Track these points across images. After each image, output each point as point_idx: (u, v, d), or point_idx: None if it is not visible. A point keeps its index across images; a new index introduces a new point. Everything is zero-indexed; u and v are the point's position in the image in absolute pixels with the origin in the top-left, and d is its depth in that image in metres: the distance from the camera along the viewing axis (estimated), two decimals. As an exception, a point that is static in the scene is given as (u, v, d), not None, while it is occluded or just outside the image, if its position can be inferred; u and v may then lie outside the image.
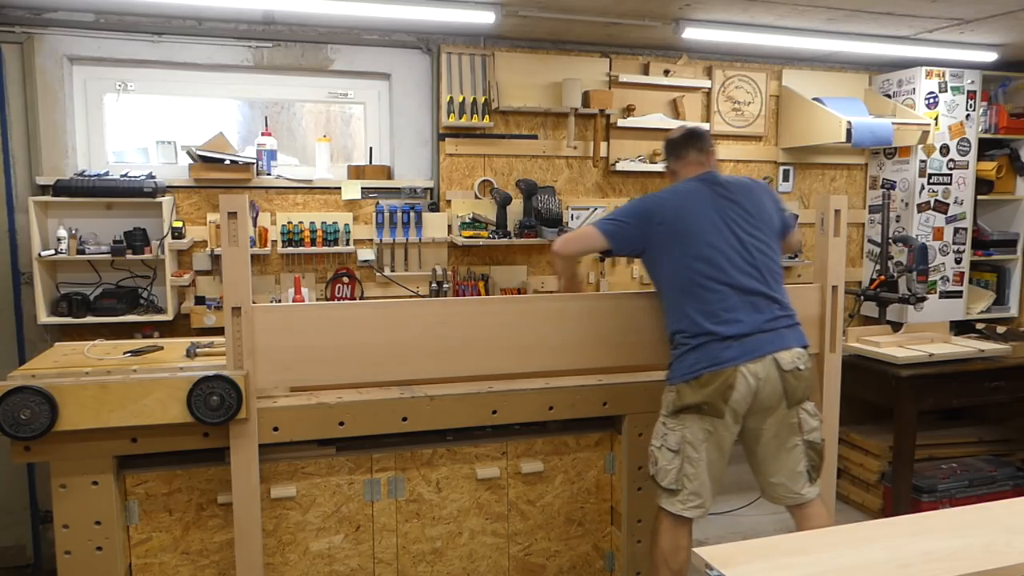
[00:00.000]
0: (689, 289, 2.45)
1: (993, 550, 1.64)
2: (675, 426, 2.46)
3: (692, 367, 2.42)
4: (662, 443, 2.49)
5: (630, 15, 3.46)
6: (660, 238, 2.49)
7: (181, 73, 3.54)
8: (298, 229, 3.55)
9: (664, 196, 2.57)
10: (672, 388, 2.49)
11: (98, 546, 2.39)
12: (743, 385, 2.40)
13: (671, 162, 2.72)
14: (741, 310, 2.44)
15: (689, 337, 2.45)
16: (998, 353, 3.94)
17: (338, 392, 2.61)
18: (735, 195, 2.54)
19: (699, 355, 2.42)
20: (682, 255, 2.46)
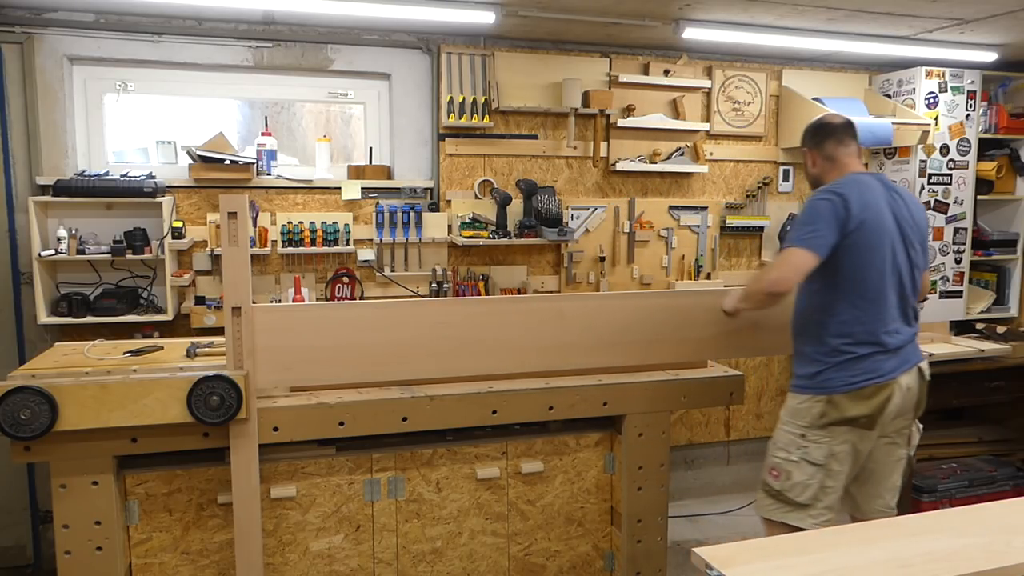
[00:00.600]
0: (865, 295, 2.36)
1: (993, 550, 1.64)
2: (821, 438, 2.37)
3: (855, 378, 2.35)
4: (801, 456, 2.38)
5: (630, 15, 3.46)
6: (849, 239, 2.34)
7: (181, 73, 3.54)
8: (298, 229, 3.55)
9: (853, 193, 2.36)
10: (820, 399, 2.37)
11: (98, 546, 2.40)
12: (898, 397, 2.38)
13: (830, 146, 2.54)
14: (900, 321, 2.42)
15: (854, 345, 2.36)
16: (998, 353, 3.94)
17: (338, 392, 2.61)
18: (906, 202, 2.47)
19: (865, 366, 2.35)
20: (866, 260, 2.35)
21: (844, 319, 2.37)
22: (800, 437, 2.39)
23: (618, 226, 4.09)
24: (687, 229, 4.22)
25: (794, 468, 2.39)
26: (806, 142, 2.62)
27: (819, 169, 2.57)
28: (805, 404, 2.40)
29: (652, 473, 2.89)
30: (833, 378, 2.36)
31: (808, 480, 2.37)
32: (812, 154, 2.60)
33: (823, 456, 2.36)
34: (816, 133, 2.59)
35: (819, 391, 2.38)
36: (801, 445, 2.39)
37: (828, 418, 2.35)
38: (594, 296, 3.39)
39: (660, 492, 2.91)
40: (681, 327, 2.78)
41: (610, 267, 4.10)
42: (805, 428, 2.39)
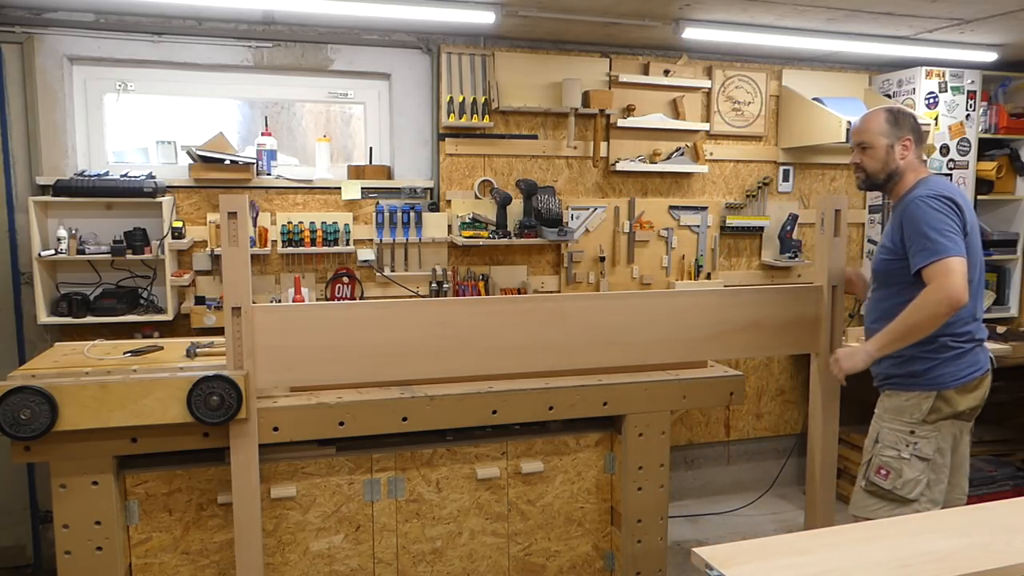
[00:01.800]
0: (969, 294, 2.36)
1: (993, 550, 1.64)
2: (929, 433, 2.39)
3: (965, 371, 2.39)
4: (912, 453, 2.40)
5: (630, 15, 3.46)
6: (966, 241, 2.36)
7: (181, 73, 3.54)
8: (298, 229, 3.55)
9: (960, 195, 2.38)
10: (930, 394, 2.39)
11: (98, 546, 2.40)
12: (988, 387, 2.47)
13: (911, 144, 2.47)
14: (980, 318, 2.49)
15: (962, 340, 2.39)
16: (998, 353, 3.93)
17: (338, 392, 2.61)
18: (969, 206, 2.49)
19: (971, 359, 2.40)
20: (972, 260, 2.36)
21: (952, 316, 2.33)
22: (909, 434, 2.40)
23: (618, 226, 4.09)
24: (687, 229, 4.22)
25: (905, 466, 2.39)
26: (905, 129, 2.47)
27: (905, 163, 2.47)
28: (913, 400, 2.41)
29: (652, 473, 2.89)
30: (944, 373, 2.38)
31: (919, 476, 2.38)
32: (908, 144, 2.47)
33: (932, 451, 2.38)
34: (916, 125, 2.50)
35: (928, 387, 2.39)
36: (911, 442, 2.39)
37: (939, 413, 2.38)
38: (594, 296, 3.39)
39: (660, 492, 2.91)
40: (681, 327, 2.78)
41: (610, 267, 4.10)
42: (914, 424, 2.40)
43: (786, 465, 4.48)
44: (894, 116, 2.47)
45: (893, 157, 2.46)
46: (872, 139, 2.47)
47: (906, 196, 2.42)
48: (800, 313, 2.87)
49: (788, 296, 2.89)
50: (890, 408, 2.46)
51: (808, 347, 2.92)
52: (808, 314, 2.88)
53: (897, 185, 2.49)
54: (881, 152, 2.46)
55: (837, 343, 2.89)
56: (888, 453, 2.43)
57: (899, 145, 2.45)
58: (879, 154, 2.47)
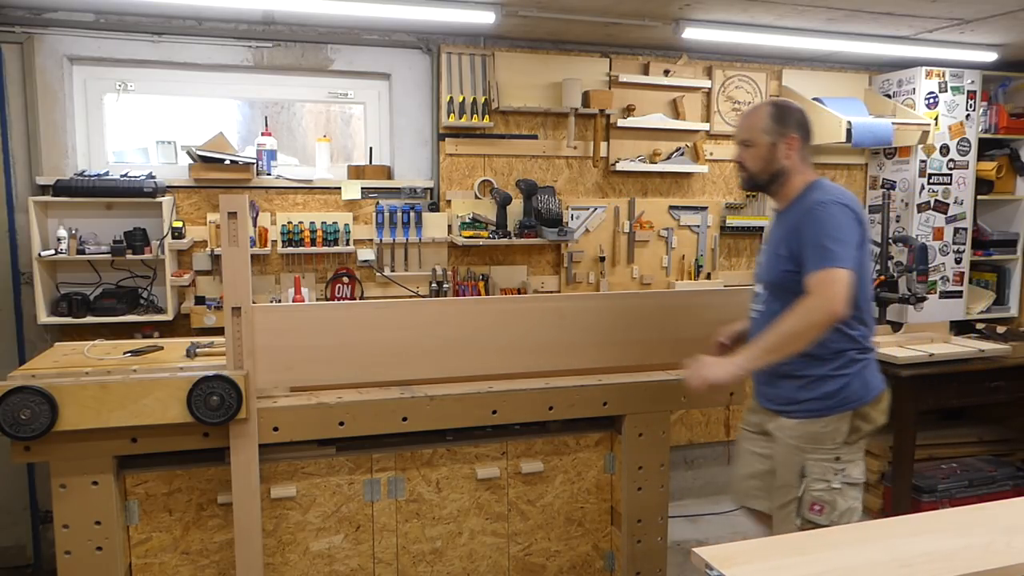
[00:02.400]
0: (863, 305, 2.25)
1: (993, 550, 1.64)
2: (855, 456, 2.26)
3: (874, 384, 2.28)
4: (843, 480, 2.23)
5: (630, 15, 3.46)
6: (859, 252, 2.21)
7: (181, 73, 3.54)
8: (298, 229, 3.55)
9: (858, 203, 2.24)
10: (844, 415, 2.23)
11: (98, 546, 2.39)
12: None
13: (797, 142, 2.28)
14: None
15: (866, 353, 2.27)
16: (998, 353, 3.94)
17: (338, 392, 2.61)
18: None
19: (873, 371, 2.28)
20: (865, 270, 2.25)
21: (855, 327, 2.24)
22: (835, 461, 2.23)
23: (618, 226, 4.09)
24: (687, 229, 4.22)
25: (839, 496, 2.23)
26: (790, 127, 2.27)
27: (791, 164, 2.28)
28: (832, 425, 2.23)
29: (652, 473, 2.89)
30: (857, 389, 2.24)
31: (854, 504, 2.25)
32: (794, 142, 2.27)
33: (861, 472, 2.27)
34: (803, 121, 2.31)
35: (844, 407, 2.23)
36: (838, 469, 2.23)
37: (860, 432, 2.24)
38: (594, 296, 3.39)
39: (660, 492, 2.91)
40: (681, 327, 2.78)
41: (610, 267, 4.10)
42: (837, 450, 2.23)
43: (786, 465, 4.47)
44: (779, 112, 2.28)
45: (776, 156, 2.27)
46: (754, 136, 2.28)
47: (801, 200, 2.25)
48: (800, 313, 2.86)
49: (788, 296, 2.89)
50: (805, 437, 2.25)
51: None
52: (808, 314, 2.87)
53: (783, 187, 2.30)
54: (764, 150, 2.27)
55: (837, 343, 2.89)
56: (818, 487, 2.23)
57: (783, 143, 2.26)
58: (762, 152, 2.28)
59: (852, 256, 2.12)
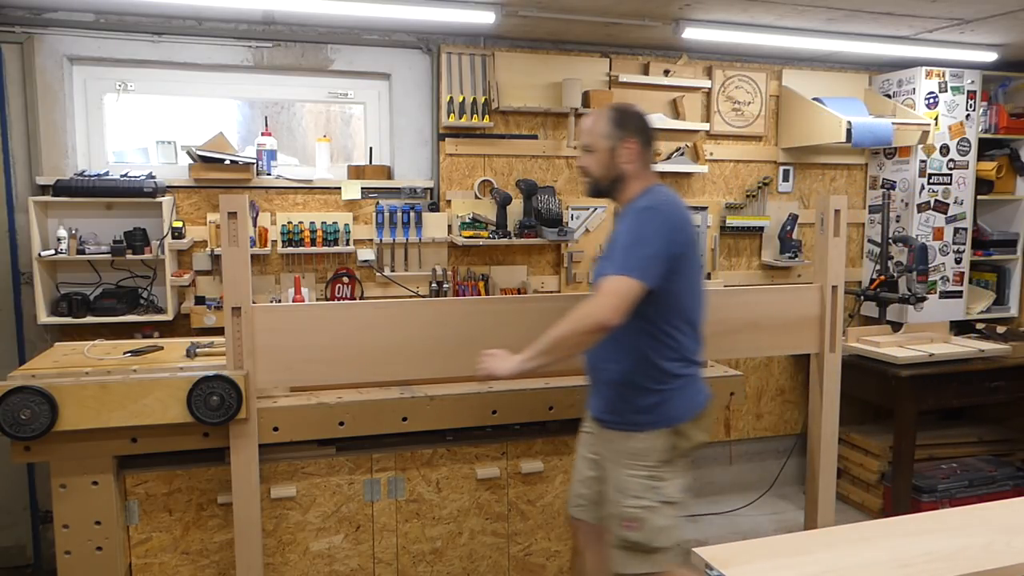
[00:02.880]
0: (687, 317, 2.20)
1: (993, 550, 1.64)
2: (673, 474, 2.17)
3: (696, 400, 2.21)
4: (660, 499, 2.14)
5: (630, 15, 3.46)
6: (676, 264, 2.12)
7: (181, 73, 3.53)
8: (298, 229, 3.55)
9: (684, 211, 2.19)
10: (663, 431, 2.15)
11: (98, 546, 2.40)
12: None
13: (637, 147, 2.21)
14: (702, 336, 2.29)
15: (685, 368, 2.19)
16: (998, 353, 3.94)
17: (338, 392, 2.61)
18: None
19: (699, 386, 2.23)
20: (687, 281, 2.18)
21: (677, 340, 2.17)
22: (650, 478, 2.14)
23: (618, 226, 4.08)
24: (687, 229, 4.22)
25: (653, 515, 2.13)
26: (629, 131, 2.21)
27: (632, 168, 2.22)
28: (649, 442, 2.14)
29: (652, 473, 2.88)
30: (678, 406, 2.16)
31: (669, 522, 2.15)
32: (633, 146, 2.20)
33: (677, 492, 2.16)
34: (643, 126, 2.24)
35: (663, 423, 2.15)
36: (654, 486, 2.13)
37: (678, 450, 2.15)
38: (594, 296, 3.38)
39: (660, 492, 2.91)
40: (681, 327, 2.77)
41: (610, 267, 4.09)
42: (654, 467, 2.14)
43: (786, 465, 4.48)
44: (619, 116, 2.24)
45: (615, 161, 2.21)
46: (594, 141, 2.24)
47: (632, 205, 2.20)
48: (800, 313, 2.87)
49: (788, 296, 2.89)
50: (626, 452, 2.17)
51: (808, 347, 2.92)
52: (808, 314, 2.88)
53: (622, 192, 2.24)
54: (604, 155, 2.23)
55: (837, 343, 2.89)
56: (631, 503, 2.14)
57: (623, 148, 2.20)
58: (602, 157, 2.23)
59: (650, 267, 2.04)
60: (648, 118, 2.30)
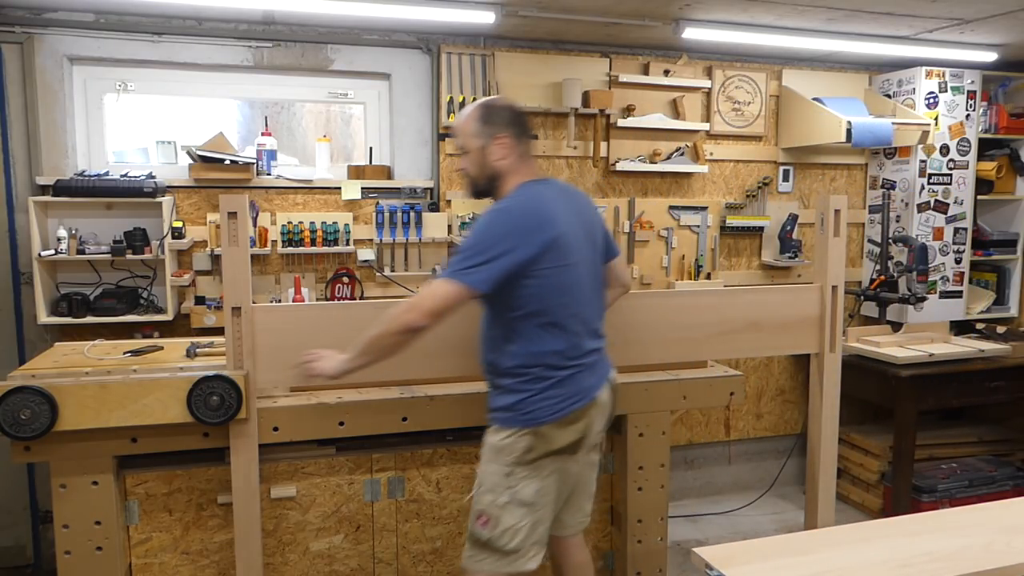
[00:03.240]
0: (552, 319, 2.09)
1: (993, 550, 1.65)
2: (529, 475, 2.09)
3: (564, 404, 2.09)
4: (509, 498, 2.08)
5: (630, 15, 3.46)
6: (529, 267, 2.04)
7: (181, 73, 3.54)
8: (298, 229, 3.55)
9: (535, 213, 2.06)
10: (526, 432, 2.08)
11: (98, 546, 2.39)
12: (597, 414, 2.19)
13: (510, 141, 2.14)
14: (592, 335, 2.20)
15: (551, 370, 2.10)
16: (998, 353, 3.94)
17: (338, 392, 2.61)
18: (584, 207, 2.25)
19: (570, 389, 2.10)
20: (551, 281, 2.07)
21: (539, 343, 2.09)
22: (507, 476, 2.09)
23: (618, 226, 4.09)
24: (687, 229, 4.22)
25: (503, 513, 2.09)
26: (499, 126, 2.13)
27: (507, 164, 2.15)
28: (509, 440, 2.09)
29: (652, 473, 2.89)
30: (540, 408, 2.08)
31: (518, 523, 2.09)
32: (505, 140, 2.13)
33: (532, 494, 2.09)
34: (513, 118, 2.17)
35: (524, 423, 2.09)
36: (508, 486, 2.08)
37: (536, 452, 2.08)
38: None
39: (660, 492, 2.91)
40: (681, 327, 2.78)
41: (610, 267, 4.09)
42: (511, 466, 2.09)
43: (786, 465, 4.48)
44: (486, 112, 2.17)
45: (488, 159, 2.15)
46: (465, 142, 2.19)
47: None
48: (800, 313, 2.87)
49: (788, 296, 2.89)
50: (489, 447, 2.14)
51: (808, 347, 2.92)
52: (808, 314, 2.87)
53: (500, 190, 2.17)
54: (477, 155, 2.16)
55: (837, 343, 2.89)
56: (486, 498, 2.11)
57: (494, 145, 2.13)
58: (475, 157, 2.17)
59: (481, 272, 1.97)
60: (518, 108, 2.21)
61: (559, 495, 2.20)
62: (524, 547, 2.11)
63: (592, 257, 2.23)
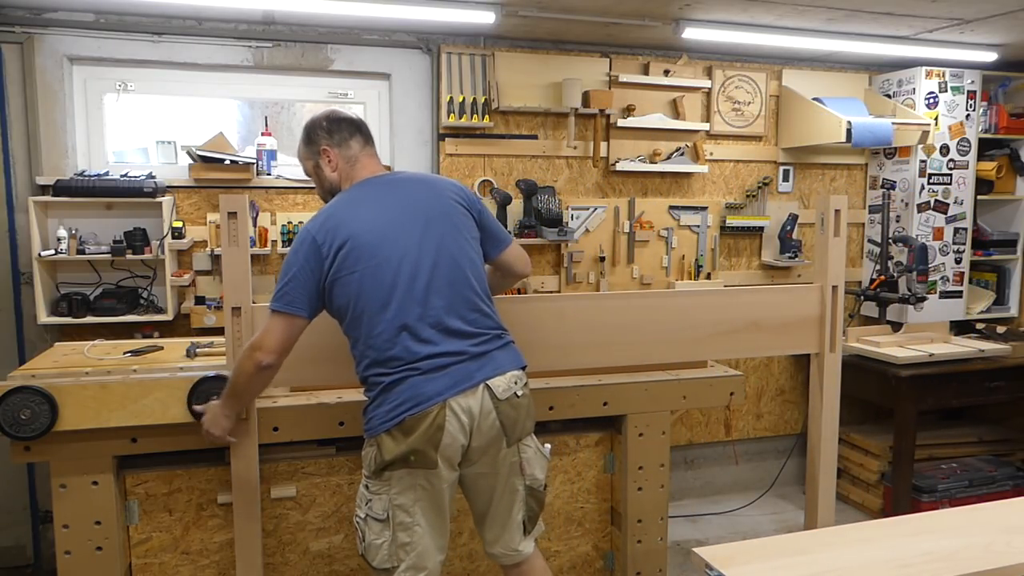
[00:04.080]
0: (372, 327, 2.00)
1: (993, 550, 1.64)
2: (380, 488, 2.00)
3: (395, 411, 1.96)
4: (367, 512, 2.02)
5: (630, 15, 3.46)
6: (336, 282, 2.02)
7: (181, 73, 3.54)
8: (298, 229, 3.54)
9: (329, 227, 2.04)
10: (371, 442, 2.01)
11: (98, 546, 2.39)
12: (454, 424, 1.97)
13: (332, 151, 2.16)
14: (442, 332, 2.02)
15: (386, 376, 1.98)
16: (998, 353, 3.94)
17: (338, 392, 2.61)
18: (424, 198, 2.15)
19: (401, 394, 1.96)
20: (359, 290, 2.00)
21: (369, 350, 2.01)
22: (365, 489, 2.04)
23: (618, 226, 4.09)
24: (687, 229, 4.22)
25: (366, 528, 2.02)
26: (319, 141, 2.17)
27: (340, 175, 2.18)
28: (366, 451, 2.04)
29: (652, 473, 2.89)
30: (375, 415, 1.99)
31: (377, 539, 2.00)
32: (328, 152, 2.16)
33: (383, 509, 1.99)
34: (331, 127, 2.17)
35: (370, 433, 2.01)
36: (367, 499, 2.02)
37: (378, 463, 1.98)
38: (594, 296, 3.39)
39: (660, 492, 2.91)
40: (681, 327, 2.78)
41: (610, 267, 4.10)
42: (366, 479, 2.04)
43: (786, 465, 4.48)
44: (306, 133, 2.21)
45: (324, 175, 2.19)
46: (305, 168, 2.25)
47: None
48: (800, 313, 2.87)
49: (788, 296, 2.89)
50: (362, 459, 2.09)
51: (808, 347, 2.92)
52: (808, 314, 2.87)
53: None
54: (315, 177, 2.22)
55: (837, 343, 2.89)
56: (357, 513, 2.06)
57: (322, 160, 2.17)
58: (315, 179, 2.23)
59: (295, 296, 2.00)
60: (336, 115, 2.22)
61: (434, 516, 2.04)
62: (395, 568, 2.00)
63: (434, 246, 2.06)
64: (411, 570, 2.01)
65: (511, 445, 2.11)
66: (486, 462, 2.10)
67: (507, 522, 2.17)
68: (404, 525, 2.00)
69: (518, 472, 2.14)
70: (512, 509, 2.17)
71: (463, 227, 2.15)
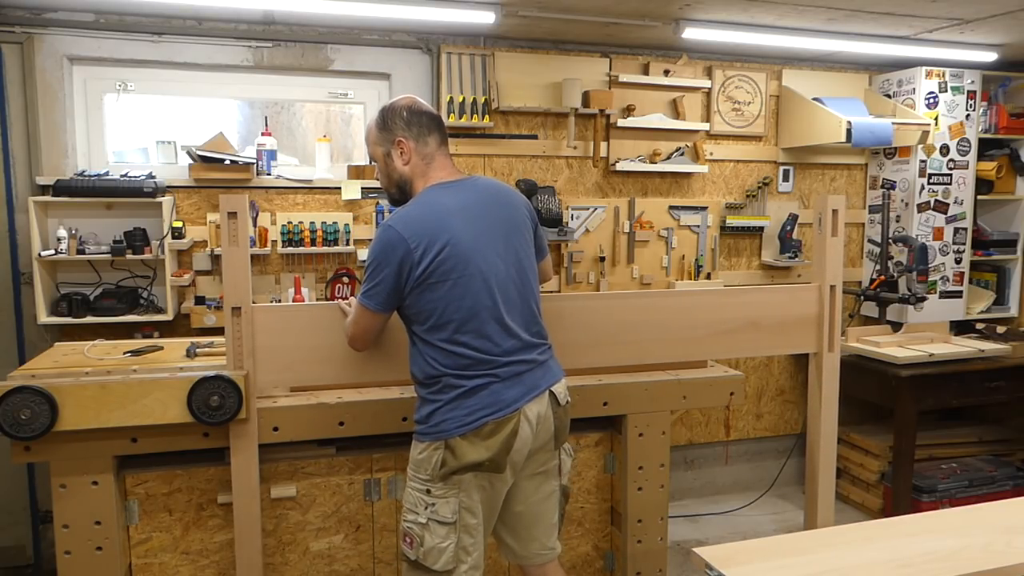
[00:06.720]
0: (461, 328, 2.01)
1: (993, 550, 1.65)
2: (446, 492, 2.00)
3: (472, 415, 1.99)
4: (429, 516, 2.01)
5: (630, 15, 3.46)
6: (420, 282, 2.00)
7: (181, 73, 3.54)
8: (298, 229, 3.55)
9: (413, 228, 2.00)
10: (437, 445, 2.01)
11: (98, 546, 2.39)
12: (526, 430, 2.03)
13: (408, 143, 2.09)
14: (516, 341, 2.07)
15: (466, 378, 2.01)
16: (998, 353, 3.94)
17: (338, 392, 2.61)
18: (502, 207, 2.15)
19: (480, 400, 1.99)
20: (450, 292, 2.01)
21: (450, 352, 2.02)
22: (426, 494, 2.02)
23: (618, 226, 4.09)
24: (687, 229, 4.22)
25: (425, 532, 2.01)
26: (396, 130, 2.09)
27: (411, 168, 2.11)
28: (424, 454, 2.03)
29: (652, 473, 2.89)
30: (448, 419, 2.00)
31: (442, 543, 2.00)
32: (404, 145, 2.09)
33: (452, 512, 2.00)
34: (411, 118, 2.10)
35: (435, 435, 2.01)
36: (428, 503, 2.01)
37: (448, 467, 1.99)
38: (594, 296, 3.39)
39: (660, 492, 2.91)
40: (681, 327, 2.78)
41: (610, 267, 4.10)
42: (427, 482, 2.02)
43: (786, 465, 4.48)
44: (382, 118, 2.13)
45: (394, 166, 2.12)
46: (372, 152, 2.17)
47: None
48: (798, 313, 2.87)
49: (787, 296, 2.89)
50: (411, 462, 2.09)
51: (807, 347, 2.92)
52: (806, 313, 2.87)
53: (411, 196, 2.13)
54: (382, 164, 2.14)
55: (836, 342, 2.89)
56: (409, 517, 2.05)
57: (395, 151, 2.10)
58: (382, 166, 2.15)
59: (376, 293, 2.02)
60: (418, 107, 2.14)
61: (488, 517, 2.09)
62: (457, 569, 2.02)
63: (512, 260, 2.11)
64: (473, 570, 2.06)
65: (556, 448, 2.19)
66: (534, 465, 2.15)
67: (547, 523, 2.24)
68: (470, 528, 2.03)
69: (556, 474, 2.22)
70: (552, 510, 2.24)
71: (530, 241, 2.23)
